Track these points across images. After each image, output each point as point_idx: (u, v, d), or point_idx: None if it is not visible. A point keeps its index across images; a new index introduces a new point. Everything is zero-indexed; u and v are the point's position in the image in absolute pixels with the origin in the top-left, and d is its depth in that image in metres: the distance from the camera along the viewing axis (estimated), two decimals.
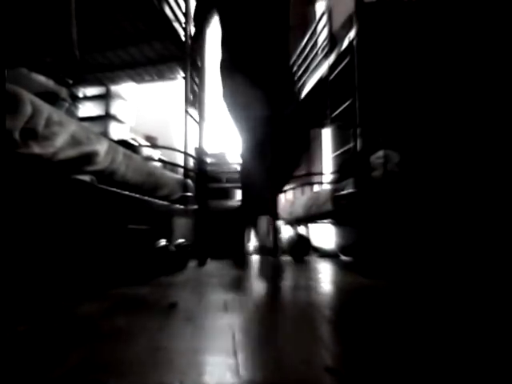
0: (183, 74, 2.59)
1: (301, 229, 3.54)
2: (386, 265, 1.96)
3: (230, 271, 2.18)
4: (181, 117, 2.54)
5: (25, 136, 1.11)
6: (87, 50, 2.60)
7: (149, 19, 2.31)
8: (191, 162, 2.84)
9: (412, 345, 0.77)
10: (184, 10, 2.59)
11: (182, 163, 2.64)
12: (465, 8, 1.92)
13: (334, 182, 2.53)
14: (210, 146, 3.32)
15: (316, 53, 2.96)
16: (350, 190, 2.16)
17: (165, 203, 2.17)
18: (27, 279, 1.21)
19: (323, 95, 2.63)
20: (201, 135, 2.68)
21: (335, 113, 2.42)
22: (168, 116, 4.79)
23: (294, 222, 3.49)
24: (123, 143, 2.18)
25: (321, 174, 3.89)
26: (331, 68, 2.49)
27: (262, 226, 1.69)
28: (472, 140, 1.83)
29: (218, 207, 3.09)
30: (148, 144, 3.63)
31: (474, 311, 1.10)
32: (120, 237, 1.71)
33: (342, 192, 2.28)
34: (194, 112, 2.64)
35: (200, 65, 2.72)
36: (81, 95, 3.40)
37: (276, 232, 3.43)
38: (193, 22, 1.79)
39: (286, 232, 3.51)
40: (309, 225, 3.62)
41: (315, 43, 2.98)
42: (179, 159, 3.20)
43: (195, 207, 2.48)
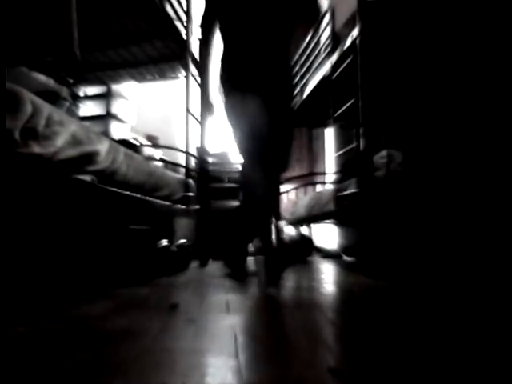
0: (185, 73, 2.58)
1: (303, 229, 3.53)
2: (389, 265, 1.95)
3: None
4: (182, 116, 2.53)
5: (25, 135, 1.11)
6: (88, 49, 2.59)
7: (150, 18, 2.31)
8: (193, 162, 2.83)
9: (415, 346, 0.76)
10: (185, 9, 2.58)
11: (184, 163, 2.64)
12: (468, 6, 1.90)
13: (337, 182, 2.51)
14: (212, 146, 3.32)
15: (319, 52, 2.94)
16: (353, 190, 2.14)
17: (166, 203, 2.16)
18: (28, 280, 1.20)
19: (326, 94, 2.62)
20: (202, 135, 2.67)
21: (338, 112, 2.40)
22: (169, 115, 4.78)
23: (297, 222, 3.48)
24: (124, 143, 2.18)
25: (323, 174, 3.88)
26: (334, 67, 2.47)
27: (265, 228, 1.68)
28: (477, 139, 1.80)
29: (220, 207, 3.08)
30: (149, 143, 3.61)
31: (478, 312, 1.08)
32: (121, 237, 1.69)
33: (345, 192, 2.26)
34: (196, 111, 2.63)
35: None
36: (81, 94, 3.39)
37: (278, 232, 3.42)
38: (200, 31, 1.80)
39: (289, 232, 3.50)
40: (311, 225, 3.60)
41: (318, 42, 2.96)
42: (181, 159, 3.20)
43: (197, 207, 2.47)
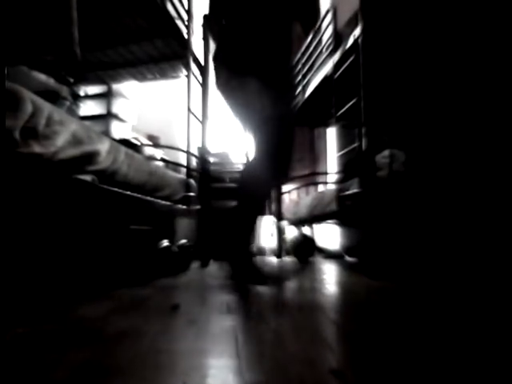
0: (186, 73, 2.57)
1: (305, 229, 3.51)
2: (392, 266, 1.94)
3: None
4: (183, 116, 2.52)
5: (25, 135, 1.10)
6: (88, 48, 2.58)
7: (151, 17, 2.29)
8: (194, 162, 2.82)
9: (419, 348, 0.75)
10: (187, 8, 2.57)
11: (185, 163, 2.62)
12: (472, 5, 1.88)
13: (339, 182, 2.50)
14: (213, 146, 3.31)
15: (321, 51, 2.93)
16: (355, 190, 2.14)
17: (167, 203, 2.15)
18: (27, 280, 1.19)
19: (328, 94, 2.60)
20: (204, 134, 2.66)
21: (340, 112, 2.39)
22: (170, 115, 4.77)
23: (299, 223, 3.47)
24: (125, 142, 2.17)
25: (325, 174, 3.87)
26: (336, 66, 2.46)
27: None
28: (481, 140, 1.79)
29: (222, 207, 3.06)
30: (150, 143, 3.61)
31: (481, 313, 1.07)
32: (122, 237, 1.69)
33: (347, 192, 2.26)
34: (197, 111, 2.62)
35: (203, 63, 2.70)
36: (82, 94, 3.38)
37: (280, 232, 3.43)
38: (204, 22, 1.80)
39: (291, 232, 3.49)
40: (313, 225, 3.60)
41: (320, 41, 2.95)
42: (182, 159, 3.19)
43: (198, 207, 2.46)
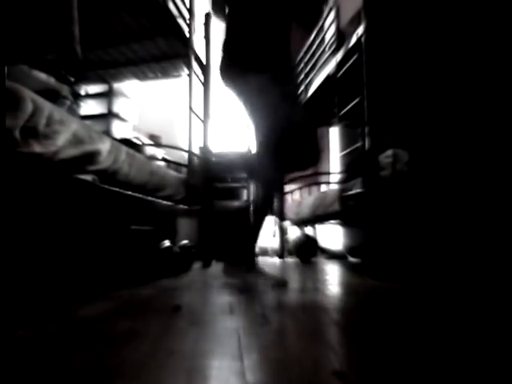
0: (187, 71, 2.55)
1: (308, 229, 3.50)
2: (395, 266, 1.92)
3: (236, 273, 2.14)
4: (185, 115, 2.51)
5: (25, 134, 1.09)
6: (89, 47, 2.57)
7: (152, 15, 2.28)
8: (196, 162, 2.80)
9: (422, 350, 0.73)
10: (188, 6, 2.55)
11: (187, 162, 2.61)
12: (476, 4, 1.86)
13: (342, 182, 2.49)
14: (215, 145, 3.29)
15: (323, 50, 2.91)
16: (358, 190, 2.13)
17: (169, 203, 2.14)
18: (28, 281, 1.18)
19: (331, 93, 2.59)
20: (205, 134, 2.64)
21: (343, 111, 2.37)
22: (172, 114, 4.76)
23: (301, 223, 3.45)
24: (126, 142, 2.16)
25: (328, 174, 3.85)
26: (339, 65, 2.45)
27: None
28: (486, 139, 1.77)
29: (224, 207, 3.06)
30: (151, 143, 3.60)
31: (485, 314, 1.06)
32: (123, 238, 1.68)
33: (350, 192, 2.24)
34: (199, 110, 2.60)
35: (205, 62, 2.69)
36: (83, 93, 3.37)
37: (282, 233, 3.41)
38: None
39: (293, 233, 3.47)
40: (316, 225, 3.58)
41: (322, 40, 2.94)
42: (183, 158, 3.17)
43: (200, 207, 2.45)
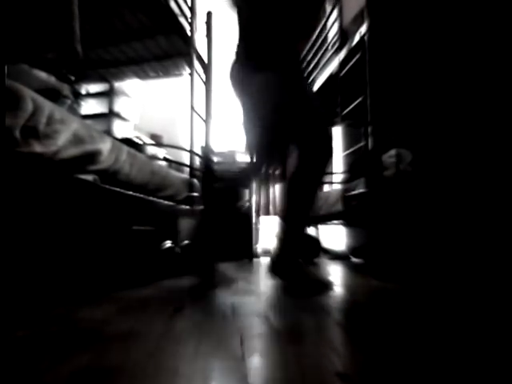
0: (189, 70, 2.54)
1: (310, 230, 3.48)
2: (399, 267, 1.91)
3: (238, 273, 2.14)
4: (187, 114, 2.49)
5: (25, 134, 1.09)
6: (90, 46, 2.57)
7: (154, 13, 2.26)
8: (197, 161, 2.79)
9: (426, 352, 0.72)
10: (190, 4, 2.54)
11: (188, 162, 2.60)
12: (481, 3, 1.84)
13: (345, 182, 2.48)
14: (217, 145, 3.28)
15: (326, 48, 2.90)
16: (361, 190, 2.12)
17: (170, 203, 2.13)
18: (28, 282, 1.17)
19: (333, 92, 2.57)
20: (207, 133, 2.63)
21: (346, 110, 2.36)
22: (173, 113, 4.75)
23: None
24: (127, 142, 2.15)
25: (331, 174, 3.83)
26: (342, 64, 2.43)
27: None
28: (490, 139, 1.75)
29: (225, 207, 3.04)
30: (153, 142, 3.60)
31: (489, 315, 1.04)
32: (124, 238, 1.67)
33: (353, 192, 2.24)
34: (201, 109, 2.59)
35: (207, 60, 2.67)
36: (83, 92, 3.36)
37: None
38: None
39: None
40: (319, 226, 3.57)
41: (325, 38, 2.92)
42: (185, 158, 3.16)
43: (201, 208, 2.43)
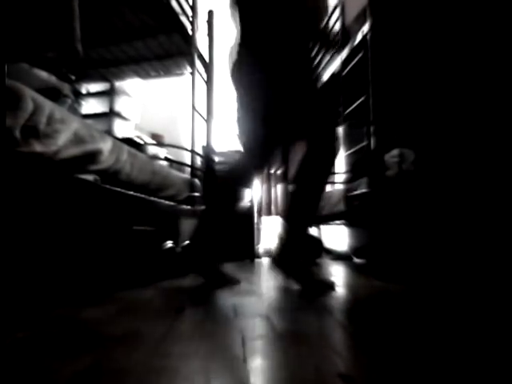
0: (190, 70, 2.53)
1: (312, 230, 3.47)
2: (401, 267, 1.90)
3: (239, 274, 2.13)
4: (188, 114, 2.49)
5: (26, 134, 1.09)
6: (91, 45, 2.55)
7: (155, 12, 2.26)
8: (199, 161, 2.78)
9: (428, 352, 0.72)
10: (191, 3, 2.53)
11: (189, 162, 2.59)
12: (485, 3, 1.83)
13: (347, 182, 2.47)
14: (219, 144, 3.27)
15: (328, 47, 2.88)
16: (364, 190, 2.11)
17: (171, 203, 2.12)
18: (29, 283, 1.16)
19: (336, 91, 2.56)
20: (209, 133, 2.62)
21: (348, 110, 2.35)
22: (175, 113, 4.74)
23: None
24: (128, 141, 2.14)
25: (333, 174, 3.83)
26: (344, 63, 2.42)
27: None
28: (494, 139, 1.74)
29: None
30: (154, 142, 3.58)
31: (492, 316, 1.03)
32: (125, 238, 1.66)
33: (355, 192, 2.23)
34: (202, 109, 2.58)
35: (208, 60, 2.66)
36: (84, 91, 3.36)
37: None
38: None
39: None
40: (321, 226, 3.57)
41: (327, 37, 2.90)
42: (186, 158, 3.15)
43: (203, 208, 2.42)
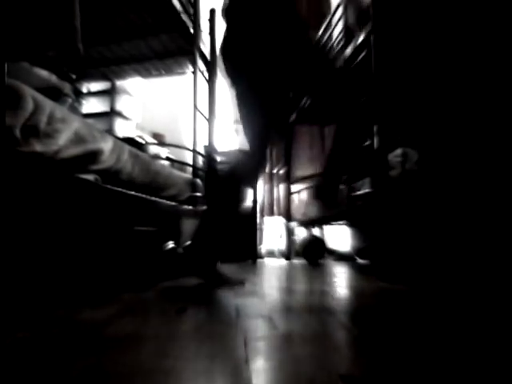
0: (192, 69, 2.52)
1: (315, 230, 3.47)
2: (405, 268, 1.89)
3: (241, 275, 2.12)
4: (190, 113, 2.48)
5: (26, 133, 1.09)
6: (92, 43, 2.55)
7: (156, 11, 2.26)
8: (200, 161, 2.78)
9: (433, 355, 0.71)
10: (193, 2, 2.52)
11: (191, 162, 2.58)
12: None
13: (350, 182, 2.45)
14: (221, 144, 3.26)
15: (331, 46, 2.87)
16: (367, 190, 2.10)
17: (173, 204, 2.12)
18: (29, 283, 1.15)
19: (339, 90, 2.55)
20: (211, 132, 2.61)
21: (351, 109, 2.33)
22: (176, 112, 4.73)
23: (308, 223, 3.42)
24: (129, 141, 2.14)
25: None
26: (347, 62, 2.40)
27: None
28: (498, 138, 1.72)
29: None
30: (155, 142, 3.58)
31: (497, 317, 1.02)
32: (126, 239, 1.65)
33: (358, 192, 2.21)
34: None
35: (210, 58, 2.65)
36: (85, 90, 3.36)
37: (289, 234, 3.39)
38: None
39: (300, 234, 3.45)
40: (323, 226, 3.56)
41: (330, 36, 2.89)
42: (188, 158, 3.15)
43: (205, 208, 2.42)
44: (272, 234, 3.85)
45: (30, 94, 1.10)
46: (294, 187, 3.73)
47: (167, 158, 2.96)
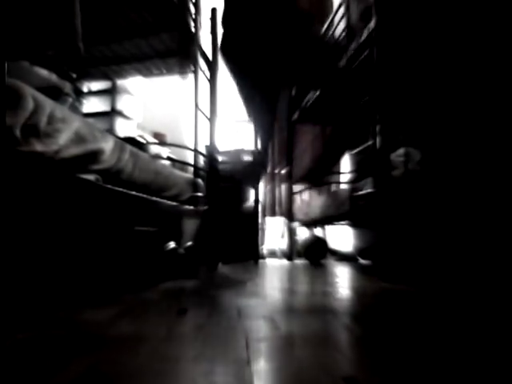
0: (193, 68, 2.51)
1: (317, 230, 3.46)
2: (407, 268, 1.88)
3: (243, 275, 2.12)
4: (191, 113, 2.47)
5: (26, 133, 1.07)
6: (92, 42, 2.53)
7: (157, 10, 2.24)
8: (202, 161, 2.77)
9: (434, 355, 0.71)
10: (194, 1, 2.51)
11: (192, 162, 2.58)
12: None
13: (352, 182, 2.45)
14: (222, 144, 3.25)
15: (334, 44, 2.85)
16: (369, 190, 2.09)
17: (174, 204, 2.11)
18: (29, 284, 1.15)
19: (341, 90, 2.53)
20: (212, 132, 2.60)
21: (353, 109, 2.32)
22: (177, 112, 4.72)
23: (311, 224, 3.42)
24: (130, 140, 2.13)
25: (338, 173, 3.80)
26: (349, 61, 2.39)
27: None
28: (500, 138, 1.71)
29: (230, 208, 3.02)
30: (156, 141, 3.57)
31: (499, 319, 1.02)
32: (126, 239, 1.64)
33: (361, 192, 2.21)
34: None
35: (211, 58, 2.64)
36: (85, 90, 3.35)
37: (291, 234, 3.38)
38: None
39: (302, 234, 3.44)
40: (326, 226, 3.55)
41: (333, 35, 2.88)
42: (189, 157, 3.14)
43: (206, 208, 2.41)
44: (274, 235, 3.85)
45: (31, 94, 1.09)
46: (296, 187, 3.73)
47: (168, 158, 2.95)
